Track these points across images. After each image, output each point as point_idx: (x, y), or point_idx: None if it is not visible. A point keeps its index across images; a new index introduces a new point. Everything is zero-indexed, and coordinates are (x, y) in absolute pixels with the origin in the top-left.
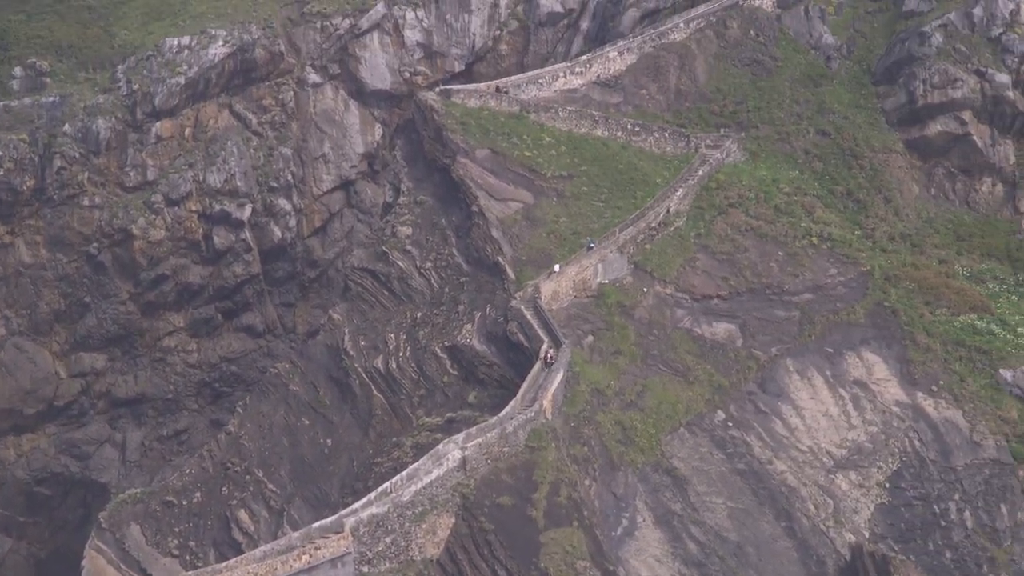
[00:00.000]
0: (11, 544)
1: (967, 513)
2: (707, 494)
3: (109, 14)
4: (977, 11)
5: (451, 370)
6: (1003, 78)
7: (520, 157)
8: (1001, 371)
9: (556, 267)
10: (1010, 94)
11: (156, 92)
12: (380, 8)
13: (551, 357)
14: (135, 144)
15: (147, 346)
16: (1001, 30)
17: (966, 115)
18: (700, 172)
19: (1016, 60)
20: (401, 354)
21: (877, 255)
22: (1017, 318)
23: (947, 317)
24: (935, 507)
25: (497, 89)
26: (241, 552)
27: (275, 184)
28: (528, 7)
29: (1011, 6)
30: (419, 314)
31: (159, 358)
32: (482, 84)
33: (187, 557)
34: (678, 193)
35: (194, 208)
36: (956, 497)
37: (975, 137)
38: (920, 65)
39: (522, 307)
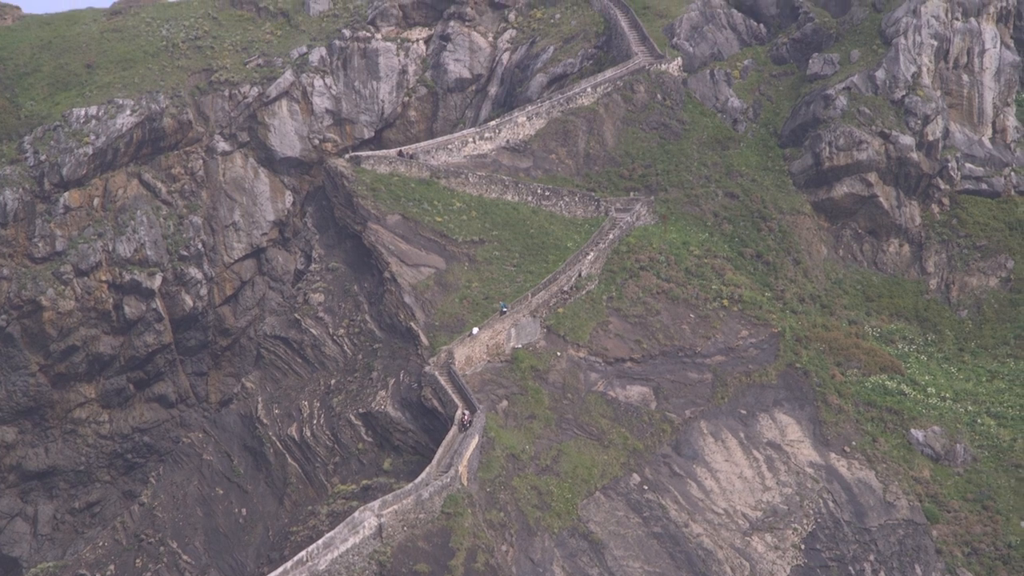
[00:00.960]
0: None
1: (882, 574)
2: (624, 558)
3: (15, 84)
4: (880, 74)
5: (366, 437)
6: (907, 140)
7: (431, 222)
8: (912, 431)
9: (475, 329)
10: (914, 155)
11: (64, 162)
12: (288, 76)
13: (467, 419)
14: (43, 215)
15: (58, 418)
16: (904, 92)
17: (871, 177)
18: (611, 235)
19: (919, 122)
20: (315, 422)
21: (788, 316)
22: (927, 378)
23: (858, 378)
24: (850, 568)
25: (400, 153)
26: None
27: (186, 253)
28: (436, 73)
29: (912, 69)
30: (333, 381)
31: (70, 430)
32: (391, 150)
33: None
34: (589, 257)
35: (104, 278)
36: (871, 558)
37: (881, 198)
38: (825, 128)
39: (436, 373)
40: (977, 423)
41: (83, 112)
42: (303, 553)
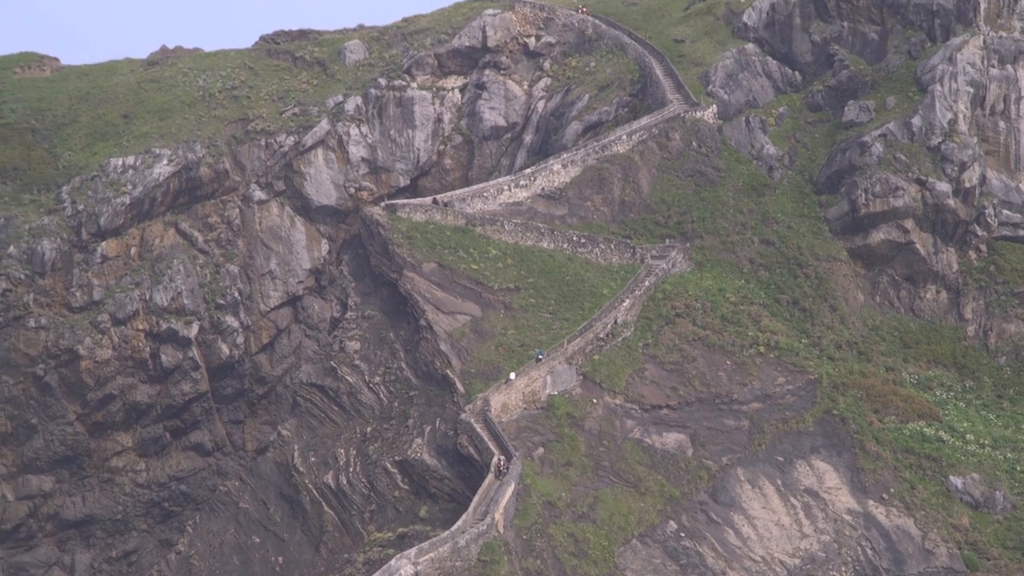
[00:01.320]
0: None
1: None
2: None
3: (53, 135)
4: (916, 121)
5: (402, 484)
6: (943, 186)
7: (467, 270)
8: (951, 478)
9: (512, 375)
10: (951, 202)
11: (101, 212)
12: (324, 125)
13: (504, 465)
14: (81, 264)
15: (95, 466)
16: (940, 139)
17: (908, 223)
18: (647, 283)
19: (955, 169)
20: (351, 469)
21: (824, 363)
22: (965, 424)
23: (896, 424)
24: None
25: (434, 201)
26: None
27: (222, 301)
28: (471, 121)
29: (949, 116)
30: (369, 429)
31: (107, 478)
32: (426, 198)
33: None
34: (625, 304)
35: (141, 327)
36: None
37: (918, 245)
38: (861, 174)
39: (472, 420)
40: (1016, 470)
41: (120, 162)
42: None
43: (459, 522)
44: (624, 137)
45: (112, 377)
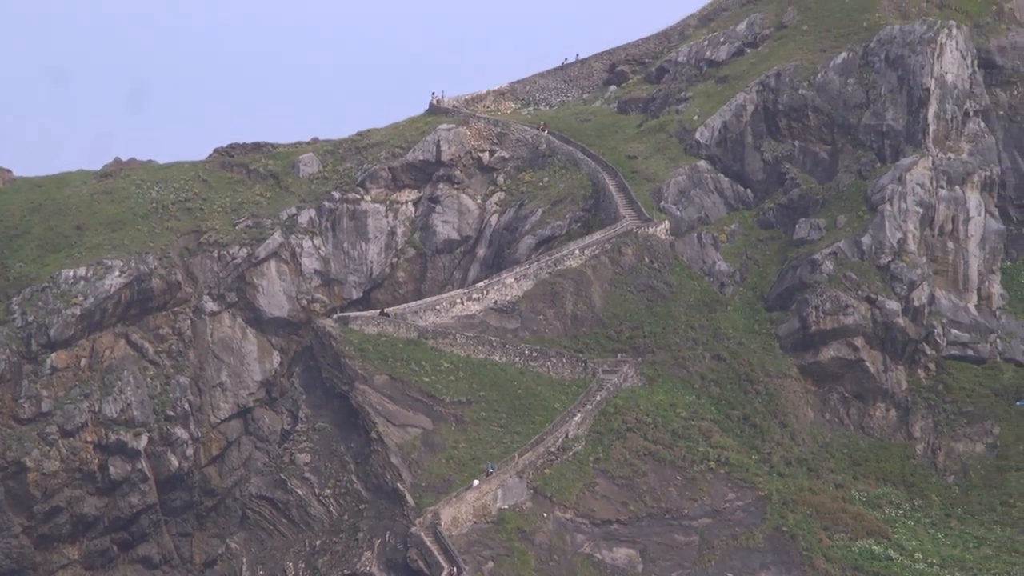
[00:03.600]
0: None
1: None
2: None
3: (4, 247)
4: (866, 240)
5: None
6: (893, 305)
7: (418, 383)
8: None
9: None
10: (900, 321)
11: (51, 323)
12: (277, 237)
13: (454, 574)
14: (29, 375)
15: None
16: (890, 258)
17: (858, 341)
18: (598, 397)
19: (905, 288)
20: None
21: (774, 479)
22: (914, 543)
23: (845, 542)
24: None
25: (382, 313)
26: None
27: (172, 413)
28: (425, 235)
29: (899, 235)
30: (318, 542)
31: None
32: (377, 311)
33: None
34: (576, 418)
35: (90, 439)
36: None
37: (867, 363)
38: (812, 292)
39: (422, 533)
40: None
41: (72, 273)
42: None
43: None
44: (577, 252)
45: (60, 489)
